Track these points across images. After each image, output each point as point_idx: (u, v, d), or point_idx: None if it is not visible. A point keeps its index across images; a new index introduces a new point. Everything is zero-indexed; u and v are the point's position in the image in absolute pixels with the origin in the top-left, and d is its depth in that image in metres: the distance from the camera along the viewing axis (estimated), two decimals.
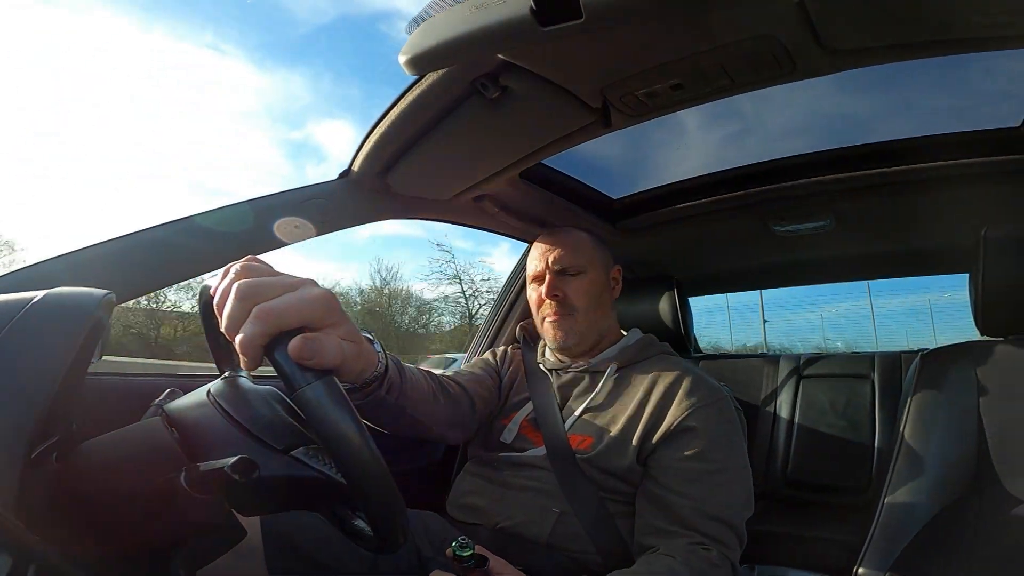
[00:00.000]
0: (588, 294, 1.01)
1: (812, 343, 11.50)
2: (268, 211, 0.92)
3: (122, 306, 5.74)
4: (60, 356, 0.41)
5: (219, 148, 36.99)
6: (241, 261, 0.46)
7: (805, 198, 1.24)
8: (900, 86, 1.01)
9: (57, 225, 22.67)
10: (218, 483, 0.38)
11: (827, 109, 1.13)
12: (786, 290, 2.10)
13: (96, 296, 0.47)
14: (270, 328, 0.40)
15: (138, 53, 27.58)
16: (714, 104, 0.83)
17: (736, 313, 10.71)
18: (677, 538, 0.79)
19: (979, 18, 0.60)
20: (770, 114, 1.17)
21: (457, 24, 0.58)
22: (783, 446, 1.36)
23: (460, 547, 0.72)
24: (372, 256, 34.57)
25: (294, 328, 0.41)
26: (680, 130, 1.21)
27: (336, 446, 0.38)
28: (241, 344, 0.40)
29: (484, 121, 0.84)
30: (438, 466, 1.35)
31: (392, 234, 35.43)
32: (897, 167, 1.10)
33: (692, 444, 0.85)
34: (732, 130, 1.24)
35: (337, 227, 1.03)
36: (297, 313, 0.42)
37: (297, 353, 0.39)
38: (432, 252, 19.27)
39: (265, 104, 37.07)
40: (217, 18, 41.33)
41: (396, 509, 0.41)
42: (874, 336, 11.81)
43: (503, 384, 1.11)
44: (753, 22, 0.64)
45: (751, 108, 1.12)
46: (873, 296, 11.13)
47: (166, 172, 33.51)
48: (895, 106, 1.08)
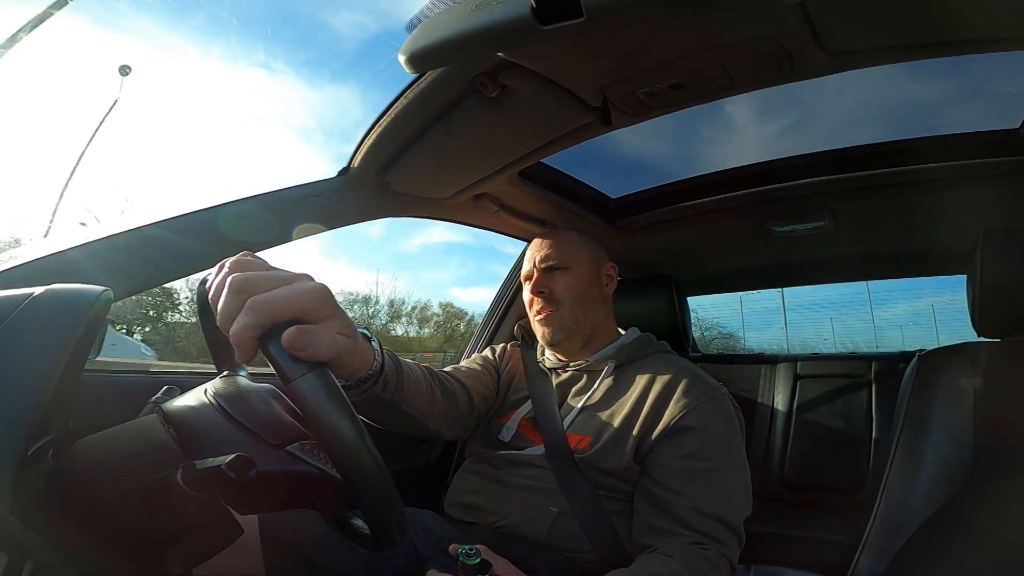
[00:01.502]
0: (573, 289, 1.02)
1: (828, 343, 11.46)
2: (268, 207, 0.92)
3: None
4: (57, 352, 0.41)
5: (277, 164, 36.53)
6: (235, 257, 0.46)
7: (803, 198, 1.24)
8: (899, 86, 1.01)
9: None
10: (215, 481, 0.37)
11: (826, 109, 1.13)
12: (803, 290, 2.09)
13: (94, 292, 0.47)
14: (263, 319, 0.40)
15: (200, 76, 27.06)
16: (714, 104, 0.83)
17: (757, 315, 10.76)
18: (675, 537, 0.79)
19: (978, 19, 0.61)
20: (769, 114, 1.17)
21: (457, 23, 0.58)
22: (780, 447, 1.36)
23: (467, 556, 0.72)
24: (420, 263, 34.15)
25: (288, 320, 0.41)
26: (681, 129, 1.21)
27: (329, 438, 0.38)
28: (235, 335, 0.40)
29: (483, 119, 0.84)
30: (436, 464, 1.35)
31: (442, 241, 35.05)
32: (895, 168, 1.11)
33: (690, 443, 0.85)
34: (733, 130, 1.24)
35: (336, 224, 1.03)
36: (291, 305, 0.42)
37: (290, 343, 0.40)
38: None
39: (317, 119, 36.66)
40: (265, 37, 40.83)
41: (391, 503, 0.41)
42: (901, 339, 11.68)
43: (501, 381, 1.11)
44: (753, 22, 0.64)
45: (749, 108, 1.12)
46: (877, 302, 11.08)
47: (228, 192, 33.14)
48: (894, 106, 1.08)
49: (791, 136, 1.20)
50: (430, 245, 34.98)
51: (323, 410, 0.38)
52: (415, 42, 0.62)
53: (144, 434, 0.44)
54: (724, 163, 1.28)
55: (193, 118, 31.30)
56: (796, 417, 1.38)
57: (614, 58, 0.72)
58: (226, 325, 0.41)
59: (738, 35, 0.66)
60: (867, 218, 1.28)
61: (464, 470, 1.03)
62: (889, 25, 0.63)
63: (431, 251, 34.09)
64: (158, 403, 0.50)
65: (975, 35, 0.64)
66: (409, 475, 1.28)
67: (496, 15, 0.56)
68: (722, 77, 0.75)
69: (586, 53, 0.70)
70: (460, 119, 0.84)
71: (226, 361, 0.57)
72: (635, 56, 0.71)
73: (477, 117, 0.84)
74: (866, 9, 0.60)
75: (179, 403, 0.48)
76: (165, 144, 28.57)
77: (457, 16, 0.58)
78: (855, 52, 0.69)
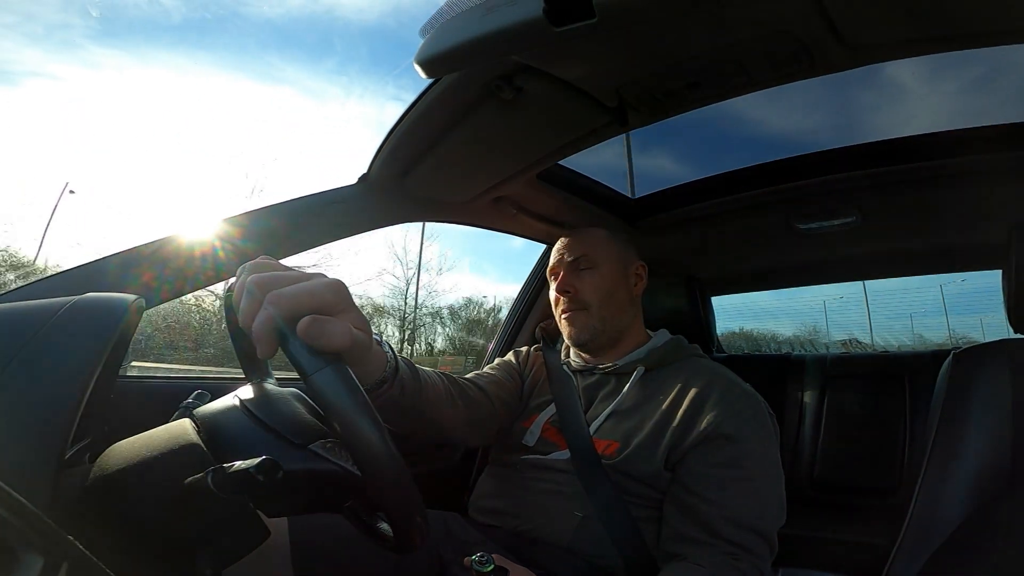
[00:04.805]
0: (600, 289, 1.01)
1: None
2: (290, 215, 0.93)
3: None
4: (93, 359, 0.43)
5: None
6: (253, 260, 0.48)
7: (829, 194, 1.21)
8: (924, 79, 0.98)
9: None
10: (243, 484, 0.38)
11: (850, 103, 1.11)
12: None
13: (126, 301, 0.48)
14: (283, 312, 0.42)
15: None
16: (733, 100, 0.82)
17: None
18: (706, 547, 0.77)
19: (999, 11, 0.59)
20: (790, 109, 1.15)
21: (470, 27, 0.59)
22: (809, 447, 1.34)
23: (480, 563, 0.71)
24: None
25: (305, 314, 0.42)
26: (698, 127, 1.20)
27: (346, 430, 0.39)
28: (256, 330, 0.42)
29: (500, 123, 0.85)
30: (459, 467, 1.36)
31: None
32: (925, 162, 1.07)
33: (726, 451, 0.82)
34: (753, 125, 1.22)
35: (357, 231, 1.04)
36: (308, 298, 0.44)
37: (305, 331, 0.41)
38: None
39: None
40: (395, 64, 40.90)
41: (411, 500, 0.42)
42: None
43: (526, 386, 1.10)
44: (770, 18, 0.63)
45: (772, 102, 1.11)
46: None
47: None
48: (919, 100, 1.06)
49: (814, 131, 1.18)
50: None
51: (341, 403, 0.39)
52: (430, 47, 0.63)
53: (176, 438, 0.46)
54: (746, 160, 1.26)
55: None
56: (826, 417, 1.35)
57: (629, 58, 0.71)
58: (247, 321, 0.43)
59: (755, 31, 0.65)
60: (897, 214, 1.25)
61: (487, 474, 1.03)
62: (908, 18, 0.61)
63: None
64: (189, 407, 0.51)
65: (995, 28, 0.62)
66: (432, 478, 1.29)
67: (509, 18, 0.56)
68: (740, 74, 0.74)
69: (600, 54, 0.70)
70: (476, 123, 0.85)
71: (254, 367, 0.58)
72: (650, 56, 0.71)
73: (493, 120, 0.84)
74: (885, 2, 0.59)
75: (209, 408, 0.50)
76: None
77: (470, 20, 0.59)
78: (875, 46, 0.67)
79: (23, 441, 0.38)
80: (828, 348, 8.58)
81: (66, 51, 15.43)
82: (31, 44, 14.87)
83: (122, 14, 15.14)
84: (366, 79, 22.94)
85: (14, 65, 14.57)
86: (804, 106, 1.17)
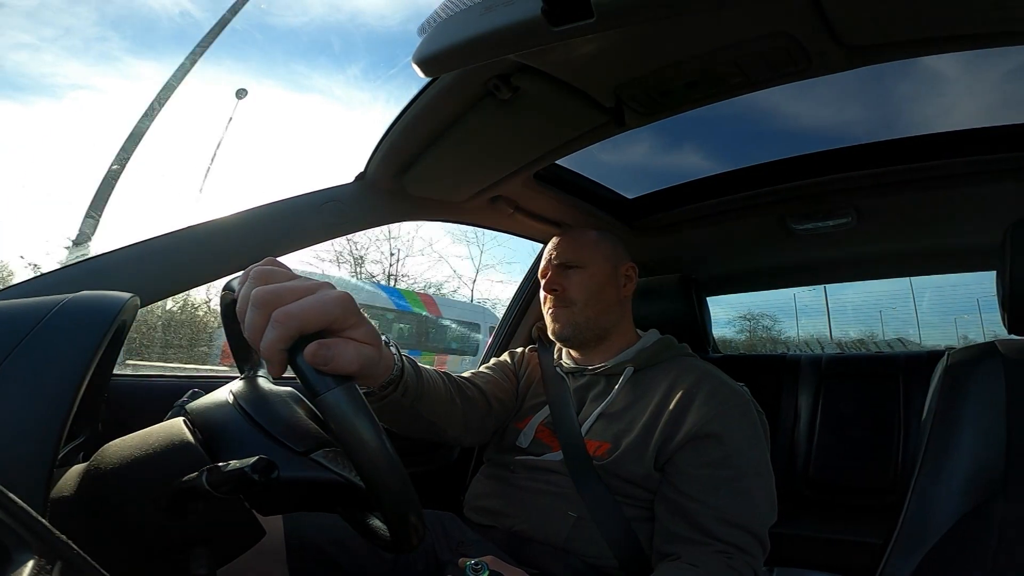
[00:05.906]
0: (586, 288, 1.02)
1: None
2: (287, 213, 0.93)
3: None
4: (86, 358, 0.42)
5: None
6: (258, 265, 0.45)
7: (825, 195, 1.22)
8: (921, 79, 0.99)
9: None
10: (239, 483, 0.38)
11: (847, 103, 1.11)
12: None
13: (121, 299, 0.48)
14: (291, 331, 0.40)
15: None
16: (730, 101, 0.82)
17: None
18: (699, 546, 0.77)
19: (995, 13, 0.59)
20: (788, 109, 1.15)
21: (468, 26, 0.58)
22: (804, 447, 1.34)
23: (474, 570, 0.71)
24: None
25: (314, 331, 0.41)
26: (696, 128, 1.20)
27: (356, 452, 0.39)
28: (264, 351, 0.40)
29: (497, 122, 0.84)
30: (455, 467, 1.36)
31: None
32: (921, 163, 1.08)
33: (714, 450, 0.83)
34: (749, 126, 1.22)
35: (353, 229, 1.04)
36: (317, 316, 0.41)
37: (312, 358, 0.39)
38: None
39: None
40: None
41: (412, 512, 0.42)
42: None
43: (521, 386, 1.10)
44: (768, 19, 0.63)
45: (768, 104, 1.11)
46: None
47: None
48: (917, 100, 1.06)
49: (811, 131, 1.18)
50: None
51: (350, 425, 0.39)
52: (427, 46, 0.63)
53: (170, 437, 0.45)
54: (743, 160, 1.26)
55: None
56: (821, 417, 1.35)
57: (627, 58, 0.71)
58: (255, 339, 0.41)
59: (753, 32, 0.65)
60: (893, 214, 1.25)
61: (482, 474, 1.03)
62: (906, 19, 0.61)
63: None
64: (183, 406, 0.51)
65: (993, 29, 0.62)
66: (428, 478, 1.29)
67: (507, 18, 0.56)
68: (737, 75, 0.74)
69: (598, 54, 0.70)
70: (474, 122, 0.85)
71: (246, 363, 0.57)
72: (648, 56, 0.71)
73: (491, 120, 0.84)
74: (882, 4, 0.59)
75: (203, 406, 0.49)
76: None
77: (468, 19, 0.59)
78: (872, 47, 0.67)
79: (16, 439, 0.38)
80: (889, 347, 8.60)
81: (105, 63, 15.48)
82: (71, 57, 14.90)
83: (155, 26, 15.19)
84: (391, 84, 22.91)
85: (57, 79, 14.55)
86: (802, 107, 1.17)
